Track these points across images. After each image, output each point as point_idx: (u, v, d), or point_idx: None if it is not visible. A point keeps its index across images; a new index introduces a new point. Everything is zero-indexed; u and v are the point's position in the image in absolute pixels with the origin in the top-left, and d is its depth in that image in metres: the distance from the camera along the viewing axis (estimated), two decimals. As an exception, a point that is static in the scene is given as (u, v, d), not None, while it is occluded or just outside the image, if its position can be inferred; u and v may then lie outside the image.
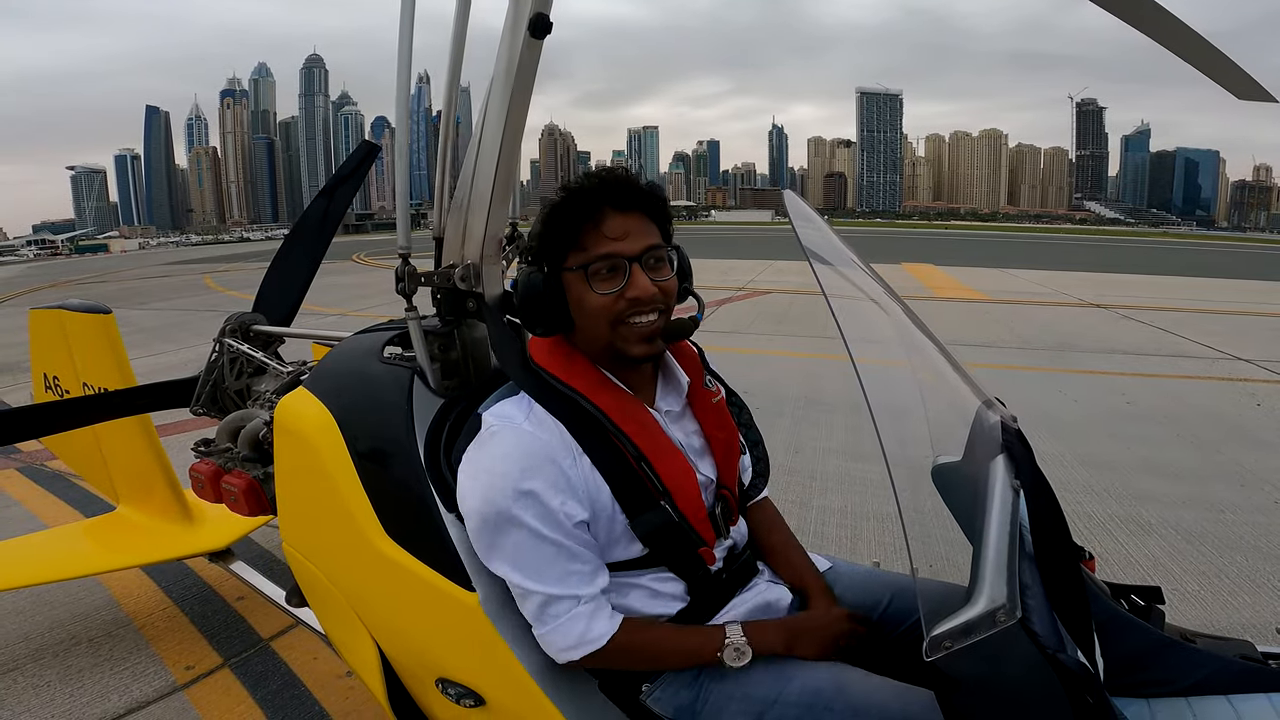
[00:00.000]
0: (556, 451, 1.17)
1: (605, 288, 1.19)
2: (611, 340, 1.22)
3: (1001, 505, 0.97)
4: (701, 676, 1.23)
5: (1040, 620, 0.91)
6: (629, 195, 1.21)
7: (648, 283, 1.20)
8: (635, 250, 1.20)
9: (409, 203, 1.39)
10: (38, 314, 2.94)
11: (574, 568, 1.17)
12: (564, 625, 1.16)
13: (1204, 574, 3.15)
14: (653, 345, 1.23)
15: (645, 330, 1.21)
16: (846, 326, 0.99)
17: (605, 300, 1.20)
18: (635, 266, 1.20)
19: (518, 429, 1.18)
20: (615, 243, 1.19)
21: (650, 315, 1.21)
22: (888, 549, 3.30)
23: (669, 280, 1.24)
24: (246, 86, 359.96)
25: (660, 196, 1.27)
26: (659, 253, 1.23)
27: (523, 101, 1.29)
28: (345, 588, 1.51)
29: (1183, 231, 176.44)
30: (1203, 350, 8.16)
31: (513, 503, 1.13)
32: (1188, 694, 1.21)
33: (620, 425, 1.22)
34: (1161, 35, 1.28)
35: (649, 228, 1.23)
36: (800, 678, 1.18)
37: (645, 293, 1.19)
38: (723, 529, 1.34)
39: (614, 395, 1.25)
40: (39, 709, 2.30)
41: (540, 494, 1.13)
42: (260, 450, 2.04)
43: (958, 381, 1.26)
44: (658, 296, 1.21)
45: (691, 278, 1.37)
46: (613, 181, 1.22)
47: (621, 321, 1.21)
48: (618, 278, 1.20)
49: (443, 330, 1.55)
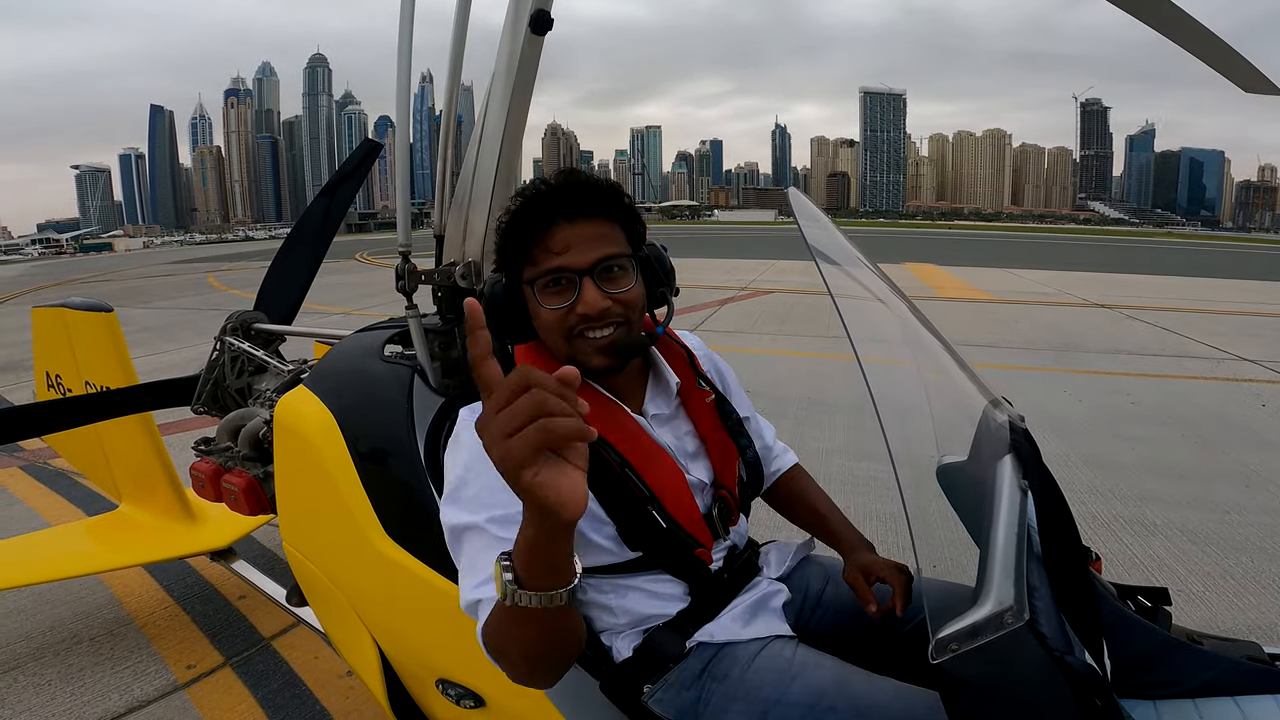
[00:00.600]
0: None
1: (554, 303, 1.16)
2: (570, 354, 1.19)
3: (1009, 506, 0.96)
4: (703, 676, 1.22)
5: (1048, 622, 0.90)
6: (582, 201, 1.16)
7: (597, 297, 1.15)
8: (584, 263, 1.14)
9: (410, 201, 1.39)
10: (40, 312, 2.94)
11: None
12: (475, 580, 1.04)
13: (1209, 575, 3.14)
14: (613, 357, 1.19)
15: (600, 344, 1.17)
16: (852, 325, 0.98)
17: (555, 315, 1.16)
18: (586, 280, 1.15)
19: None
20: (562, 256, 1.14)
21: (604, 330, 1.17)
22: (891, 548, 3.28)
23: (628, 291, 1.18)
24: (250, 86, 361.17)
25: (619, 199, 1.21)
26: (614, 262, 1.17)
27: (524, 99, 1.29)
28: (345, 587, 1.50)
29: (1187, 232, 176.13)
30: (1208, 351, 8.13)
31: (471, 493, 1.08)
32: (1194, 695, 1.20)
33: (603, 433, 1.19)
34: (1167, 28, 1.27)
35: (607, 234, 1.18)
36: (803, 678, 1.16)
37: (593, 309, 1.14)
38: (720, 530, 1.32)
39: (595, 402, 1.22)
40: (40, 708, 2.29)
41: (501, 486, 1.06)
42: (260, 449, 2.04)
43: (964, 381, 1.25)
44: (611, 310, 1.16)
45: (672, 279, 1.32)
46: (564, 188, 1.16)
47: (576, 335, 1.17)
48: (567, 292, 1.15)
49: (443, 328, 1.54)
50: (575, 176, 1.18)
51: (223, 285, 17.75)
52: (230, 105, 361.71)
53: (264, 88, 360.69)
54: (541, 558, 0.79)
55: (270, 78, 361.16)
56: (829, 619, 1.40)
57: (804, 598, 1.42)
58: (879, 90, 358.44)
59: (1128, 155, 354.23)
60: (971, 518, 1.17)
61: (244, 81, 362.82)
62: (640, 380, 1.32)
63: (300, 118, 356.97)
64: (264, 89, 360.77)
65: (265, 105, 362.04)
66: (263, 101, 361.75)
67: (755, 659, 1.21)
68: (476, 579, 1.02)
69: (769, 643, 1.24)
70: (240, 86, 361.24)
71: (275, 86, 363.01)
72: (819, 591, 1.43)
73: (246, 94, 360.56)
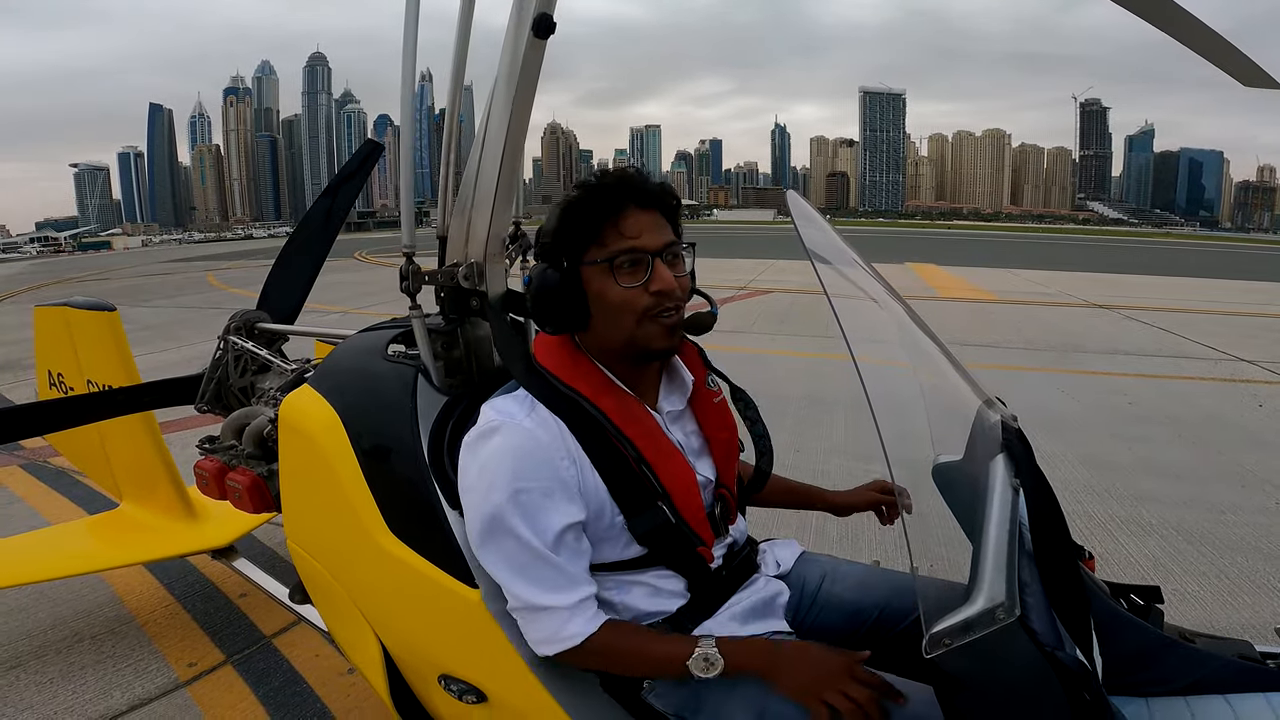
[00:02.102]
0: (554, 452, 1.18)
1: (629, 281, 1.20)
2: (634, 335, 1.23)
3: (1001, 504, 0.97)
4: None
5: (1039, 618, 0.92)
6: (649, 192, 1.24)
7: (670, 276, 1.21)
8: (657, 245, 1.21)
9: (413, 201, 1.40)
10: (42, 311, 2.95)
11: (557, 576, 1.18)
12: (541, 620, 1.19)
13: (1204, 574, 3.15)
14: (673, 338, 1.25)
15: (669, 322, 1.23)
16: (848, 326, 1.00)
17: (630, 294, 1.20)
18: (658, 261, 1.21)
19: (518, 426, 1.19)
20: (638, 238, 1.20)
21: (672, 311, 1.23)
22: (889, 547, 3.30)
23: (685, 277, 1.26)
24: (250, 84, 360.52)
25: (674, 196, 1.29)
26: (677, 249, 1.25)
27: (526, 101, 1.30)
28: (349, 584, 1.52)
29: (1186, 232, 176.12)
30: (1205, 351, 8.15)
31: (506, 502, 1.14)
32: (1186, 693, 1.21)
33: (621, 428, 1.23)
34: (1166, 24, 1.29)
35: (665, 225, 1.25)
36: None
37: (669, 285, 1.21)
38: (721, 528, 1.35)
39: (616, 397, 1.26)
40: (41, 706, 2.31)
41: (534, 496, 1.15)
42: (265, 447, 2.05)
43: (959, 381, 1.26)
44: (676, 291, 1.23)
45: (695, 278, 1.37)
46: (632, 179, 1.24)
47: (647, 316, 1.21)
48: (640, 272, 1.21)
49: (446, 329, 1.56)
50: (637, 172, 1.28)
51: (222, 284, 17.74)
52: (229, 104, 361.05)
53: (263, 86, 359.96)
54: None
55: (269, 76, 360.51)
56: (826, 616, 1.42)
57: (801, 595, 1.44)
58: (878, 90, 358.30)
59: (1127, 155, 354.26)
60: (967, 516, 1.18)
61: (243, 80, 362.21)
62: (657, 377, 1.35)
63: (299, 116, 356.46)
64: (263, 87, 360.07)
65: (264, 104, 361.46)
66: (262, 100, 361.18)
67: None
68: (556, 597, 1.18)
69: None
70: (239, 85, 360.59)
71: (274, 85, 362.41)
72: (816, 589, 1.45)
73: (246, 92, 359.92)
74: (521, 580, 1.17)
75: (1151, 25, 1.31)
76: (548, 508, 1.16)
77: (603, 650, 1.20)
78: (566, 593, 1.18)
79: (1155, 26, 1.31)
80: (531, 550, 1.15)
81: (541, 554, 1.16)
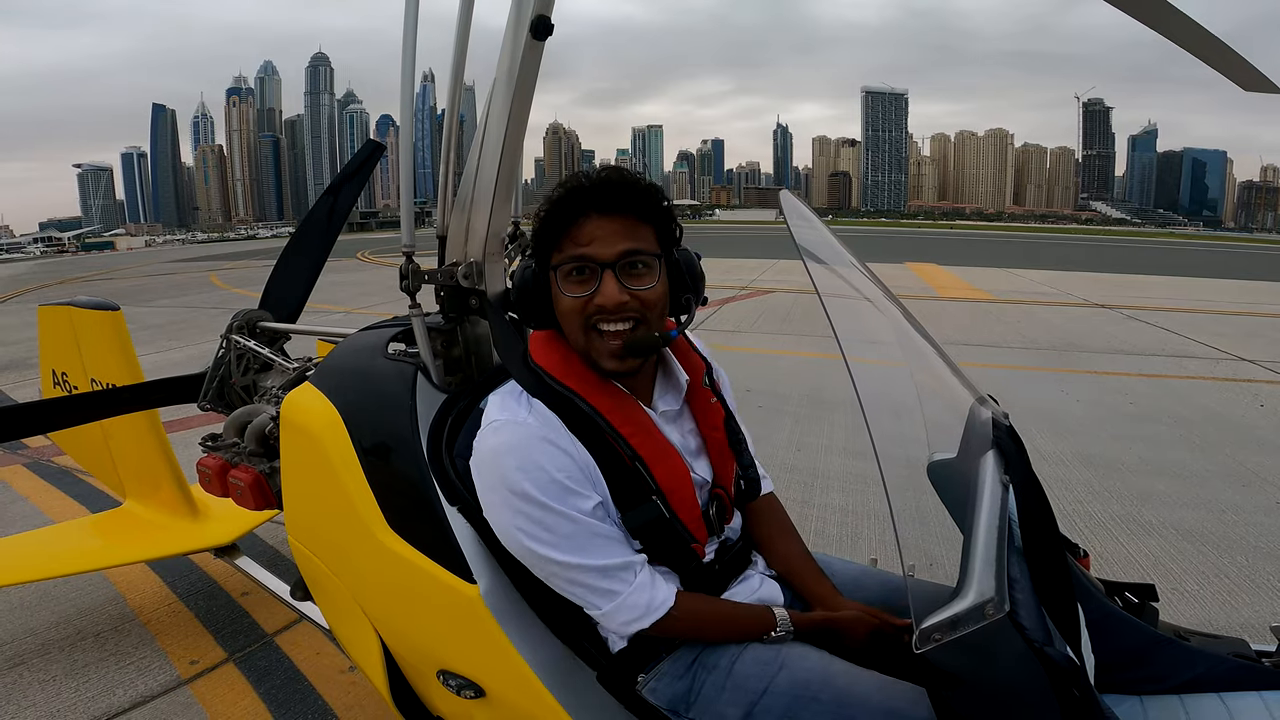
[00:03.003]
0: (560, 439, 1.19)
1: (574, 291, 1.19)
2: (585, 346, 1.22)
3: (991, 500, 0.98)
4: (695, 666, 1.25)
5: (1028, 614, 0.93)
6: (616, 197, 1.18)
7: (615, 290, 1.17)
8: (608, 255, 1.17)
9: (413, 201, 1.41)
10: (47, 311, 2.97)
11: (616, 540, 1.20)
12: (631, 596, 1.18)
13: (1204, 573, 3.16)
14: (623, 363, 1.21)
15: (613, 340, 1.19)
16: (840, 325, 1.01)
17: (575, 303, 1.20)
18: (607, 273, 1.17)
19: (522, 423, 1.20)
20: (588, 247, 1.18)
21: (618, 324, 1.19)
22: (889, 545, 3.31)
23: (649, 289, 1.20)
24: (253, 85, 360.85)
25: (654, 199, 1.22)
26: (639, 258, 1.19)
27: (524, 102, 1.31)
28: (349, 580, 1.53)
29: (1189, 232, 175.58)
30: (1207, 351, 8.14)
31: (537, 489, 1.14)
32: (1180, 691, 1.22)
33: (616, 426, 1.23)
34: (1165, 28, 1.29)
35: (637, 232, 1.20)
36: (789, 669, 1.20)
37: (610, 301, 1.17)
38: (716, 528, 1.36)
39: (610, 395, 1.26)
40: (44, 703, 2.32)
41: (558, 477, 1.15)
42: (266, 445, 2.06)
43: (952, 379, 1.27)
44: (629, 305, 1.18)
45: (700, 283, 1.32)
46: (602, 183, 1.19)
47: (591, 328, 1.20)
48: (589, 283, 1.19)
49: (446, 327, 1.57)
50: (616, 173, 1.22)
51: (225, 284, 17.76)
52: (232, 104, 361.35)
53: (266, 86, 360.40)
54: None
55: (272, 76, 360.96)
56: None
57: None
58: (881, 90, 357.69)
59: (1130, 155, 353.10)
60: (961, 513, 1.19)
61: (246, 80, 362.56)
62: (650, 376, 1.35)
63: (302, 116, 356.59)
64: (266, 88, 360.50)
65: (267, 104, 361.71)
66: (265, 100, 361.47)
67: (744, 650, 1.24)
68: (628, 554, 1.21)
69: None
70: (242, 85, 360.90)
71: (277, 85, 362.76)
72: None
73: (249, 93, 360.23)
74: (584, 554, 1.16)
75: (1152, 29, 1.31)
76: (573, 490, 1.16)
77: (694, 615, 1.23)
78: (632, 551, 1.21)
79: (1154, 30, 1.31)
80: (577, 523, 1.16)
81: (588, 525, 1.16)
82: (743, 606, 1.29)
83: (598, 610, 1.20)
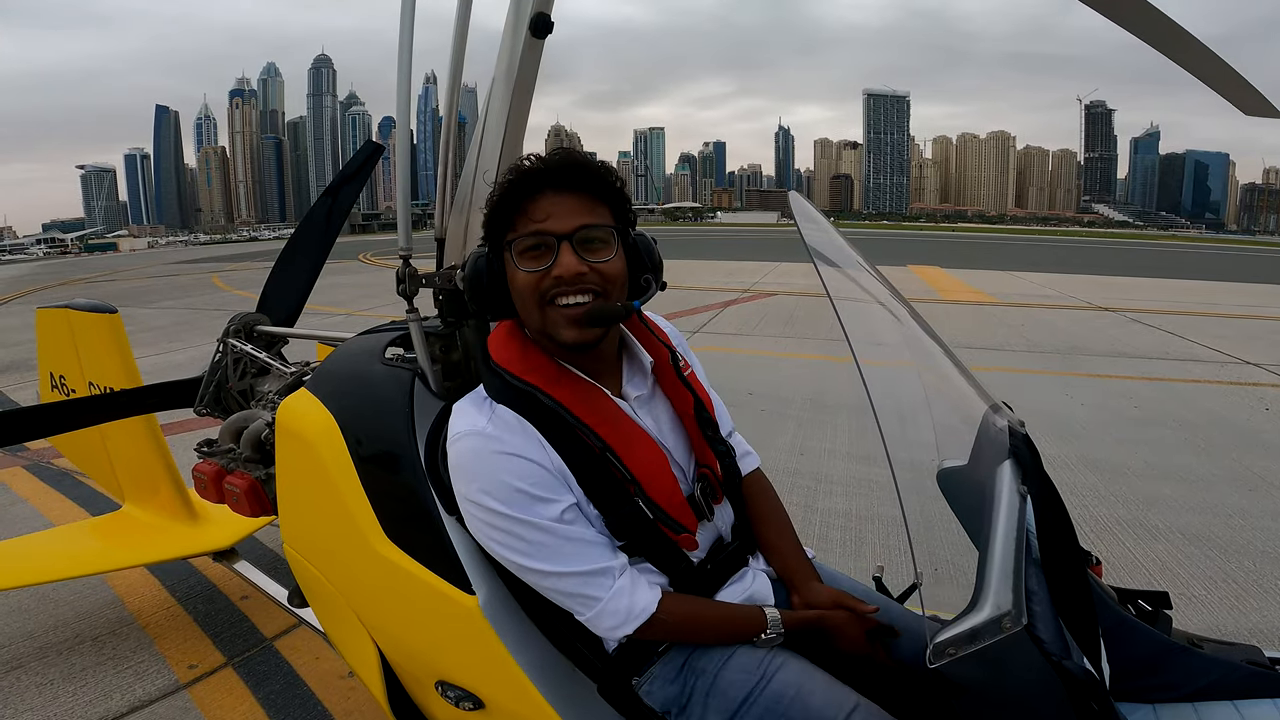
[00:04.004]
0: (523, 448, 1.16)
1: (531, 265, 1.18)
2: (542, 324, 1.20)
3: (1008, 511, 0.96)
4: (685, 670, 1.23)
5: (1045, 627, 0.90)
6: (571, 175, 1.18)
7: (574, 261, 1.16)
8: (565, 229, 1.16)
9: (410, 204, 1.39)
10: (45, 313, 2.95)
11: (591, 544, 1.17)
12: (611, 602, 1.16)
13: (1211, 579, 3.13)
14: (583, 331, 1.19)
15: (572, 313, 1.18)
16: (852, 329, 0.98)
17: (531, 279, 1.18)
18: (565, 245, 1.16)
19: (480, 432, 1.17)
20: (544, 222, 1.17)
21: (577, 296, 1.17)
22: (892, 551, 3.28)
23: (607, 262, 1.19)
24: (255, 86, 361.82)
25: (608, 178, 1.22)
26: (595, 232, 1.19)
27: (524, 102, 1.29)
28: (346, 589, 1.50)
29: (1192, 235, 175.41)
30: (1211, 354, 8.10)
31: (499, 502, 1.13)
32: (1194, 699, 1.20)
33: (581, 417, 1.20)
34: (1168, 47, 1.27)
35: (594, 209, 1.20)
36: (769, 679, 1.18)
37: (568, 271, 1.16)
38: (705, 510, 1.32)
39: (573, 386, 1.23)
40: (42, 707, 2.30)
41: (521, 486, 1.13)
42: (263, 451, 2.04)
43: (964, 385, 1.24)
44: (587, 276, 1.17)
45: (658, 268, 1.31)
46: (555, 161, 1.19)
47: (548, 302, 1.18)
48: (545, 257, 1.17)
49: (444, 332, 1.55)
50: (568, 154, 1.21)
51: (227, 285, 17.78)
52: (235, 106, 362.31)
53: (269, 88, 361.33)
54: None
55: (275, 78, 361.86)
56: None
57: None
58: (882, 92, 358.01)
59: (1132, 158, 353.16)
60: (971, 522, 1.17)
61: (249, 82, 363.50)
62: (615, 362, 1.32)
63: (305, 118, 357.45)
64: (269, 89, 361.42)
65: (270, 106, 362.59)
66: (267, 102, 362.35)
67: (731, 657, 1.22)
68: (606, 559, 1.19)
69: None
70: (245, 87, 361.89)
71: (280, 87, 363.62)
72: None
73: (251, 94, 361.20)
74: (560, 562, 1.15)
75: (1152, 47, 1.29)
76: (538, 498, 1.14)
77: (680, 618, 1.21)
78: (610, 555, 1.19)
79: (1156, 49, 1.29)
80: (547, 531, 1.14)
81: (559, 531, 1.15)
82: (732, 608, 1.27)
83: (582, 616, 1.19)
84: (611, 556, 1.19)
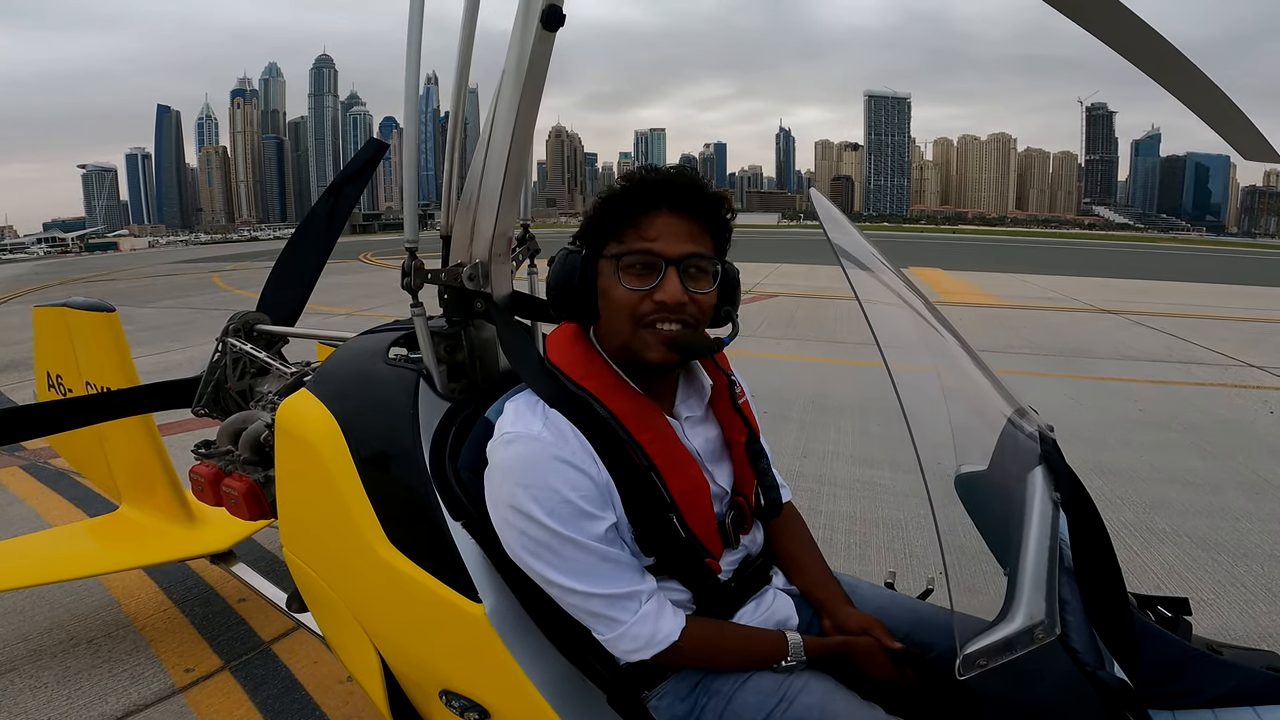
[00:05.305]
0: (576, 457, 1.12)
1: (634, 284, 1.15)
2: (630, 342, 1.18)
3: (1041, 518, 0.93)
4: (698, 690, 1.21)
5: (1079, 636, 0.88)
6: (692, 199, 1.17)
7: (678, 288, 1.14)
8: (676, 253, 1.15)
9: (417, 198, 1.36)
10: (42, 312, 2.92)
11: (625, 566, 1.14)
12: (633, 628, 1.13)
13: (1219, 582, 3.11)
14: (670, 354, 1.17)
15: (664, 336, 1.15)
16: (881, 332, 0.95)
17: (631, 297, 1.15)
18: (672, 270, 1.14)
19: (535, 437, 1.13)
20: (656, 241, 1.15)
21: (673, 324, 1.16)
22: (898, 555, 3.25)
23: (706, 294, 1.19)
24: (257, 86, 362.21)
25: (722, 207, 1.21)
26: (701, 263, 1.17)
27: (534, 96, 1.26)
28: (347, 595, 1.47)
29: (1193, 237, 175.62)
30: (1215, 357, 8.08)
31: (544, 512, 1.09)
32: (1214, 705, 1.18)
33: (634, 433, 1.17)
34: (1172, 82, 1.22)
35: (702, 237, 1.18)
36: (789, 702, 1.15)
37: (673, 298, 1.14)
38: (732, 539, 1.29)
39: (629, 399, 1.20)
40: (36, 710, 2.27)
41: (571, 497, 1.10)
42: (261, 453, 2.00)
43: (988, 388, 1.22)
44: (687, 306, 1.15)
45: (737, 301, 1.31)
46: (678, 179, 1.17)
47: (643, 323, 1.16)
48: (650, 276, 1.15)
49: (450, 331, 1.51)
50: (690, 176, 1.20)
51: (227, 285, 17.75)
52: (236, 105, 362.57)
53: (270, 88, 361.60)
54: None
55: (276, 78, 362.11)
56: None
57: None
58: (883, 94, 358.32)
59: (1133, 160, 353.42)
60: (991, 529, 1.14)
61: (250, 82, 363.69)
62: (673, 381, 1.30)
63: (306, 118, 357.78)
64: (270, 89, 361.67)
65: (271, 106, 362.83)
66: (269, 102, 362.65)
67: (748, 679, 1.19)
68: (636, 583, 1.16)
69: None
70: (246, 87, 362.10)
71: (281, 87, 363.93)
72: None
73: (253, 94, 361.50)
74: (589, 581, 1.12)
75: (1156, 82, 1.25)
76: (586, 512, 1.11)
77: (701, 646, 1.18)
78: (641, 578, 1.16)
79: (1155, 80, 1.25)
80: (586, 549, 1.11)
81: (597, 551, 1.12)
82: (754, 633, 1.24)
83: (601, 636, 1.16)
84: (641, 580, 1.16)
